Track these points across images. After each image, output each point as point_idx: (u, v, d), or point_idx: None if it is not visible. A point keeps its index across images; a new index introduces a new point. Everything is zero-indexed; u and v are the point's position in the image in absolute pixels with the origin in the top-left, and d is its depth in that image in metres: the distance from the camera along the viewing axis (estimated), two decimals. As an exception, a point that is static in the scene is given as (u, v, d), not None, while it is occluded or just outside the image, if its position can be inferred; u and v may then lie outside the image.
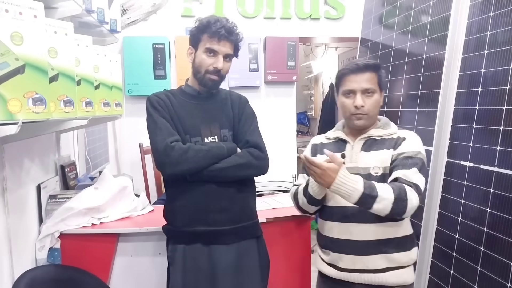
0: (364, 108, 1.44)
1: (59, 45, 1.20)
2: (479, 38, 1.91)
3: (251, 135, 1.55)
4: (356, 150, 1.49)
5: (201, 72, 1.50)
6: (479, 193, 1.80)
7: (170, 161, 1.40)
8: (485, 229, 1.73)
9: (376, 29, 3.03)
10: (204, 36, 1.48)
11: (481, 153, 1.82)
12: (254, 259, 1.55)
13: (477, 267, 1.75)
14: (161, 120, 1.46)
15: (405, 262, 1.45)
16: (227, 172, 1.46)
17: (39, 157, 1.81)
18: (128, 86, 3.18)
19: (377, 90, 1.46)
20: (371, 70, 1.45)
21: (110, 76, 1.80)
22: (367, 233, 1.43)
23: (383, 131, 1.50)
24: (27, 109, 0.98)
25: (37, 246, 1.71)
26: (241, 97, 1.66)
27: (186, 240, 1.51)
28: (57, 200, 1.82)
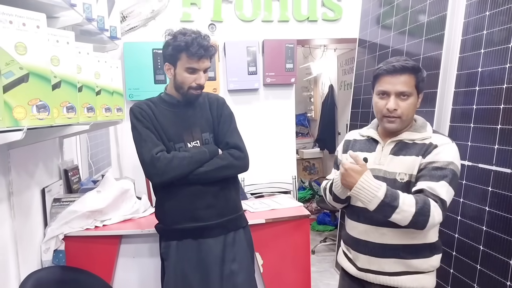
0: (397, 111, 1.37)
1: (61, 54, 1.23)
2: (476, 38, 1.93)
3: (230, 137, 1.64)
4: (385, 152, 1.43)
5: (184, 88, 1.58)
6: (477, 192, 1.81)
7: (157, 171, 1.50)
8: (484, 227, 1.75)
9: (373, 30, 3.05)
10: (182, 55, 1.54)
11: (479, 152, 1.83)
12: (242, 248, 1.66)
13: (476, 265, 1.76)
14: (145, 131, 1.54)
15: (424, 268, 1.40)
16: (210, 174, 1.56)
17: (43, 161, 1.85)
18: (129, 91, 3.20)
19: (413, 93, 1.37)
20: (408, 73, 1.36)
21: (111, 82, 1.84)
22: (384, 237, 1.40)
23: (417, 135, 1.41)
24: (31, 115, 1.01)
25: (42, 248, 1.75)
26: (219, 98, 1.75)
27: (177, 237, 1.61)
28: (61, 204, 1.85)
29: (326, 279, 3.16)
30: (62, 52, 1.24)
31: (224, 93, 3.42)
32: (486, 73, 1.85)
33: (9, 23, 0.94)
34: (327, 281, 3.13)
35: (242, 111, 3.43)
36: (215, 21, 3.41)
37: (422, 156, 1.36)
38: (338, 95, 4.91)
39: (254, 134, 3.44)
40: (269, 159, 3.47)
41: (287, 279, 2.01)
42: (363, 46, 3.21)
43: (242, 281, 1.63)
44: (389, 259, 1.40)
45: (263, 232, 1.94)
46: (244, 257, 1.66)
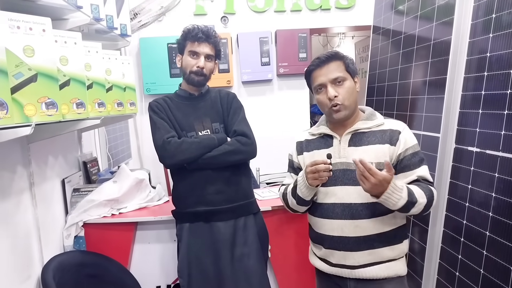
0: (338, 97, 1.39)
1: (69, 54, 1.33)
2: (486, 21, 1.89)
3: (238, 125, 1.74)
4: (343, 145, 1.45)
5: (186, 73, 1.73)
6: (485, 178, 1.79)
7: (167, 154, 1.63)
8: (490, 213, 1.74)
9: (387, 16, 3.00)
10: (187, 42, 1.72)
11: (487, 138, 1.81)
12: (252, 233, 1.75)
13: (483, 251, 1.76)
14: (159, 120, 1.69)
15: (395, 255, 1.43)
16: (218, 159, 1.66)
17: (62, 154, 1.97)
18: (146, 85, 3.30)
19: (347, 77, 1.41)
20: (334, 60, 1.41)
21: (123, 78, 1.93)
22: (358, 229, 1.40)
23: (370, 123, 1.45)
24: (41, 112, 1.11)
25: (64, 234, 1.89)
26: (229, 93, 1.85)
27: (190, 219, 1.73)
28: (80, 193, 1.98)
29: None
30: (70, 52, 1.33)
31: (238, 85, 3.47)
32: (494, 58, 1.82)
33: (17, 28, 1.03)
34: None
35: (256, 102, 3.47)
36: (227, 13, 3.46)
37: (390, 143, 1.40)
38: (356, 82, 4.87)
39: (268, 124, 3.49)
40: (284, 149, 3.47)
41: (294, 264, 2.06)
42: (377, 32, 3.17)
43: (252, 264, 1.71)
44: (363, 251, 1.41)
45: (270, 219, 2.00)
46: (254, 242, 1.74)
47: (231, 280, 1.68)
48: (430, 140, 2.14)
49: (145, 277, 2.03)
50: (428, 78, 2.30)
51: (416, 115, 2.36)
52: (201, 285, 1.70)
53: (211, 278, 1.69)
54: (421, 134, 2.22)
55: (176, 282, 2.07)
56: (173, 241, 2.01)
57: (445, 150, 2.05)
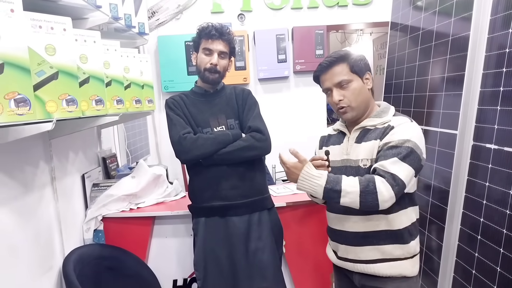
0: (344, 100, 1.41)
1: (89, 52, 1.37)
2: (506, 17, 1.86)
3: (253, 121, 1.76)
4: (351, 142, 1.47)
5: (201, 70, 1.76)
6: (502, 175, 1.76)
7: (183, 149, 1.66)
8: (507, 211, 1.71)
9: (405, 12, 2.97)
10: (201, 40, 1.75)
11: (505, 135, 1.78)
12: (266, 228, 1.77)
13: (500, 249, 1.74)
14: (175, 117, 1.72)
15: (399, 254, 1.41)
16: (233, 155, 1.68)
17: (83, 150, 2.04)
18: (164, 83, 3.35)
19: (352, 78, 1.41)
20: (337, 63, 1.41)
21: (141, 76, 1.98)
22: (356, 225, 1.43)
23: (377, 120, 1.43)
24: (61, 109, 1.16)
25: (84, 228, 1.95)
26: (244, 90, 1.88)
27: (206, 214, 1.76)
28: (99, 188, 2.04)
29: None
30: (90, 50, 1.38)
31: (255, 82, 3.49)
32: (513, 54, 1.79)
33: (39, 27, 1.08)
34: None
35: (272, 99, 3.48)
36: (244, 11, 3.48)
37: (380, 139, 1.38)
38: (374, 79, 4.81)
39: (284, 121, 3.49)
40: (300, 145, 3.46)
41: (309, 259, 2.08)
42: (395, 29, 3.13)
43: (266, 258, 1.74)
44: (364, 247, 1.43)
45: (284, 214, 2.02)
46: (268, 237, 1.77)
47: (246, 273, 1.71)
48: (447, 137, 2.12)
49: (162, 271, 2.07)
50: (446, 75, 2.27)
51: (434, 112, 2.33)
52: (217, 278, 1.74)
53: (226, 271, 1.72)
54: (438, 131, 2.20)
55: (193, 276, 2.11)
56: (189, 236, 2.04)
57: (462, 147, 2.02)
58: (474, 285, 1.87)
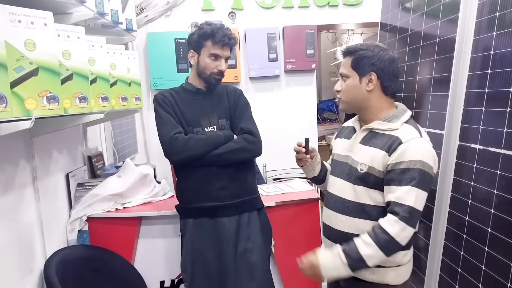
0: (340, 92, 1.43)
1: (72, 48, 1.34)
2: (490, 19, 1.87)
3: (245, 123, 1.74)
4: (357, 140, 1.44)
5: (206, 73, 1.72)
6: (487, 175, 1.78)
7: (174, 150, 1.63)
8: (492, 210, 1.73)
9: (394, 13, 2.98)
10: (207, 42, 1.69)
11: (489, 136, 1.79)
12: (255, 228, 1.76)
13: (484, 248, 1.75)
14: (165, 115, 1.68)
15: (383, 262, 1.36)
16: (224, 157, 1.67)
17: (67, 149, 2.00)
18: (153, 80, 3.32)
19: (351, 74, 1.38)
20: (346, 55, 1.41)
21: (128, 73, 1.95)
22: (341, 224, 1.42)
23: (387, 125, 1.37)
24: (42, 106, 1.13)
25: (68, 229, 1.91)
26: (236, 89, 1.86)
27: (194, 215, 1.75)
28: (84, 188, 2.00)
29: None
30: (73, 46, 1.35)
31: (245, 80, 3.48)
32: (497, 56, 1.81)
33: (18, 22, 1.05)
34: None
35: (263, 98, 3.48)
36: (235, 9, 3.46)
37: (387, 152, 1.31)
38: (363, 80, 4.83)
39: (275, 120, 3.49)
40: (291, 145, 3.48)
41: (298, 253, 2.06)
42: (384, 30, 3.15)
43: (255, 259, 1.73)
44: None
45: (274, 214, 2.01)
46: (257, 237, 1.76)
47: (234, 275, 1.70)
48: (434, 137, 2.13)
49: (149, 272, 2.05)
50: (433, 76, 2.29)
51: (422, 112, 2.35)
52: (204, 280, 1.72)
53: (214, 274, 1.71)
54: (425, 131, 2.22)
55: (180, 277, 2.08)
56: (177, 236, 2.01)
57: (449, 147, 2.04)
58: (460, 283, 1.89)
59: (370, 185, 1.36)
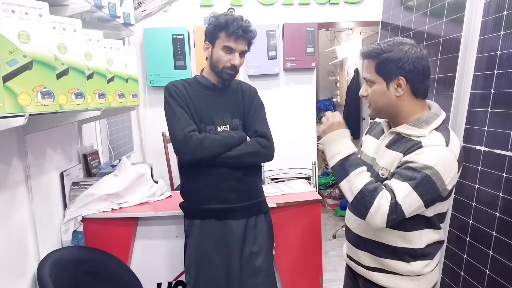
0: (367, 98, 1.32)
1: (68, 41, 1.28)
2: (497, 19, 1.84)
3: (259, 125, 1.69)
4: (384, 143, 1.35)
5: (218, 67, 1.63)
6: (492, 177, 1.75)
7: (188, 149, 1.56)
8: (497, 213, 1.70)
9: (396, 11, 2.96)
10: (221, 34, 1.59)
11: (495, 137, 1.77)
12: (263, 232, 1.72)
13: (489, 251, 1.73)
14: (179, 109, 1.60)
15: (401, 271, 1.31)
16: (238, 159, 1.62)
17: (62, 146, 1.94)
18: (150, 77, 3.27)
19: (376, 80, 1.26)
20: (367, 58, 1.28)
21: (125, 69, 1.89)
22: (359, 228, 1.38)
23: (415, 130, 1.25)
24: (36, 102, 1.07)
25: (62, 229, 1.85)
26: (251, 88, 1.79)
27: (201, 216, 1.68)
28: (80, 187, 1.94)
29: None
30: (69, 39, 1.28)
31: (244, 78, 3.43)
32: (504, 56, 1.77)
33: (12, 12, 0.99)
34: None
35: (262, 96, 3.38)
36: (234, 5, 3.41)
37: (404, 153, 1.24)
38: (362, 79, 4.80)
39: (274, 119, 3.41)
40: (289, 144, 3.46)
41: (298, 261, 2.04)
42: (385, 29, 3.13)
43: (260, 263, 1.69)
44: (364, 252, 1.38)
45: (274, 216, 1.95)
46: (263, 241, 1.72)
47: (239, 278, 1.66)
48: (437, 139, 2.10)
49: (146, 274, 1.99)
50: (437, 76, 2.26)
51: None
52: (208, 283, 1.68)
53: (219, 277, 1.66)
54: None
55: (178, 279, 2.04)
56: (175, 237, 1.98)
57: (453, 149, 2.00)
58: (462, 286, 1.86)
59: None
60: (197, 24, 3.39)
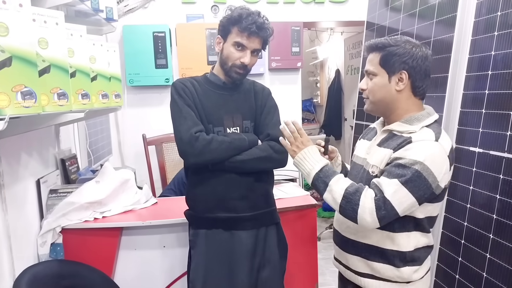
0: (365, 91, 1.31)
1: (50, 36, 1.15)
2: (489, 19, 1.83)
3: (272, 129, 1.56)
4: (375, 142, 1.35)
5: (227, 64, 1.52)
6: (488, 179, 1.75)
7: (193, 151, 1.44)
8: (494, 216, 1.69)
9: (382, 12, 2.94)
10: (234, 28, 1.48)
11: (490, 139, 1.76)
12: (273, 245, 1.62)
13: (486, 254, 1.71)
14: (186, 108, 1.48)
15: (390, 276, 1.28)
16: (247, 164, 1.50)
17: (38, 151, 1.78)
18: (129, 76, 3.13)
19: (378, 72, 1.27)
20: (373, 51, 1.29)
21: (108, 67, 1.76)
22: (349, 230, 1.34)
23: (406, 127, 1.26)
24: (16, 103, 0.94)
25: (38, 242, 1.70)
26: (265, 88, 1.68)
27: (208, 225, 1.56)
28: (58, 195, 1.80)
29: (332, 266, 3.11)
30: (51, 34, 1.15)
31: (227, 78, 3.34)
32: (499, 57, 1.77)
33: (-13, 2, 0.86)
34: (333, 268, 3.09)
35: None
36: (218, 3, 3.32)
37: (394, 150, 1.23)
38: (345, 80, 4.80)
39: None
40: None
41: (294, 269, 1.96)
42: (371, 29, 3.11)
43: (270, 278, 1.58)
44: (352, 255, 1.34)
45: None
46: (273, 254, 1.61)
47: None
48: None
49: (131, 287, 1.87)
50: (428, 76, 2.24)
51: (414, 114, 2.30)
52: None
53: None
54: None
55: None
56: (162, 247, 1.87)
57: (446, 151, 1.98)
58: (458, 290, 1.85)
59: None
60: (179, 21, 3.27)
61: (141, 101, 3.29)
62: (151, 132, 3.09)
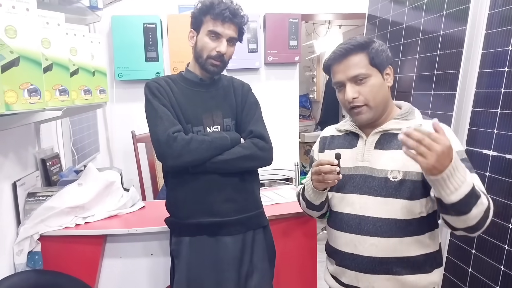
0: (359, 99, 1.20)
1: (19, 23, 1.00)
2: (505, 12, 1.71)
3: (255, 125, 1.51)
4: (369, 147, 1.25)
5: (202, 56, 1.45)
6: (504, 185, 1.64)
7: (172, 152, 1.37)
8: (510, 225, 1.58)
9: (385, 4, 2.83)
10: (207, 17, 1.43)
11: (507, 141, 1.65)
12: (261, 250, 1.54)
13: (500, 267, 1.61)
14: (161, 108, 1.41)
15: (421, 286, 1.22)
16: (230, 164, 1.43)
17: (14, 151, 1.64)
18: (118, 70, 3.01)
19: (371, 73, 1.19)
20: (355, 52, 1.19)
21: (92, 60, 1.62)
22: (374, 249, 1.21)
23: (404, 123, 1.21)
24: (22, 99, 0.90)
25: (14, 250, 1.58)
26: (244, 84, 1.62)
27: (191, 232, 1.48)
28: (37, 199, 1.68)
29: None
30: (20, 21, 1.00)
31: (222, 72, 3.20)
32: (518, 52, 1.64)
33: None
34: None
35: (241, 92, 3.22)
36: (211, -7, 3.15)
37: None
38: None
39: (253, 117, 3.25)
40: (272, 144, 3.29)
41: (291, 280, 1.88)
42: (372, 22, 2.99)
43: (255, 285, 1.50)
44: (379, 275, 1.22)
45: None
46: (260, 259, 1.53)
47: None
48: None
49: (116, 298, 1.76)
50: (436, 72, 2.13)
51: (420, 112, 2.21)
52: None
53: None
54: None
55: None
56: (149, 255, 1.75)
57: (455, 152, 1.87)
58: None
59: (407, 194, 1.18)
60: (171, 12, 3.14)
61: (131, 96, 3.14)
62: (141, 128, 2.93)
